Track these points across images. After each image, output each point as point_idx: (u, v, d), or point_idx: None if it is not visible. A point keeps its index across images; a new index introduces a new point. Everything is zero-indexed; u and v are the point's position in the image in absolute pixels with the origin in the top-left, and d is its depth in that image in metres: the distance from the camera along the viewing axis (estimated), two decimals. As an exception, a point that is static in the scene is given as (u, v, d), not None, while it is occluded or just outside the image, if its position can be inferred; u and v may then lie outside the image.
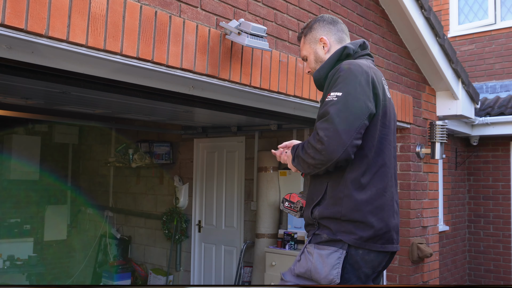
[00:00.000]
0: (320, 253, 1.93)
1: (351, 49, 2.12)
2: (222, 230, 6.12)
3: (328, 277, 1.89)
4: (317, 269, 1.92)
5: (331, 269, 1.89)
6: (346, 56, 2.12)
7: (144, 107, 4.47)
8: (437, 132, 4.75)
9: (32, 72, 2.29)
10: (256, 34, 2.56)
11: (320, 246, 1.95)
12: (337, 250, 1.91)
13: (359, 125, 1.89)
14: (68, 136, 7.81)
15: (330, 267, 1.89)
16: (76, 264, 7.64)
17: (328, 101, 1.94)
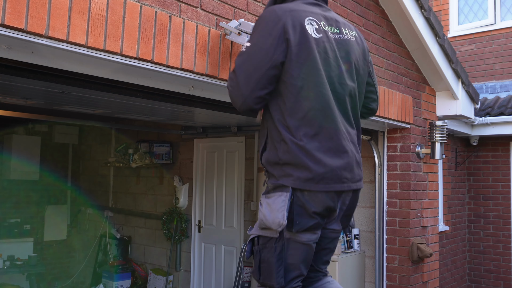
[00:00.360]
0: (267, 201, 2.02)
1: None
2: (222, 230, 6.12)
3: (275, 220, 1.96)
4: (266, 216, 2.00)
5: (277, 212, 1.96)
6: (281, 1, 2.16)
7: (144, 107, 4.47)
8: (437, 132, 4.75)
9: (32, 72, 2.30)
10: None
11: (268, 195, 2.04)
12: (281, 194, 1.98)
13: (259, 76, 1.95)
14: (68, 136, 7.81)
15: (276, 211, 1.97)
16: (76, 264, 7.64)
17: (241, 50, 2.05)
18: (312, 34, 2.01)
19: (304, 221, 2.00)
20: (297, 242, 2.03)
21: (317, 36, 2.03)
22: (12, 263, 6.44)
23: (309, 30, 2.01)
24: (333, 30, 2.12)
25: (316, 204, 2.00)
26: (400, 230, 4.71)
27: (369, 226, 5.01)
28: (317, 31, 2.03)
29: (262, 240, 2.06)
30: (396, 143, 4.82)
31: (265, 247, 2.05)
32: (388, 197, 4.81)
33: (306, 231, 2.03)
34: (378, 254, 4.80)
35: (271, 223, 1.98)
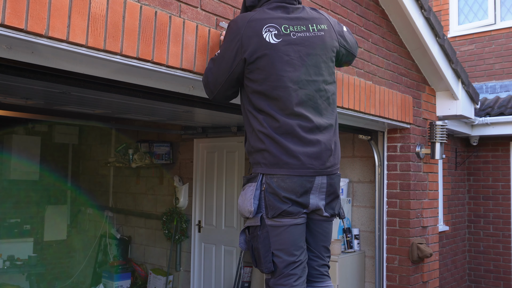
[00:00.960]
0: (242, 192, 2.26)
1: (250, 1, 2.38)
2: (222, 230, 6.12)
3: (245, 208, 2.20)
4: (240, 205, 2.25)
5: (247, 201, 2.19)
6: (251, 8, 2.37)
7: (144, 107, 4.47)
8: (437, 132, 4.75)
9: (32, 72, 2.29)
10: None
11: (243, 187, 2.27)
12: (251, 184, 2.21)
13: (223, 80, 2.27)
14: (68, 136, 7.81)
15: (246, 200, 2.20)
16: (76, 264, 7.64)
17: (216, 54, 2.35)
18: (270, 40, 2.18)
19: (277, 205, 2.15)
20: (279, 226, 2.18)
21: (276, 41, 2.19)
22: (12, 263, 6.44)
23: (267, 37, 2.18)
24: (297, 29, 2.25)
25: (287, 189, 2.15)
26: (400, 230, 4.72)
27: (369, 226, 5.01)
28: (276, 36, 2.20)
29: (251, 230, 2.25)
30: (396, 143, 4.82)
31: (253, 236, 2.23)
32: (388, 197, 4.82)
33: (284, 216, 2.17)
34: (378, 254, 4.80)
35: (244, 211, 2.21)
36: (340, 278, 4.53)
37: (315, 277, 2.36)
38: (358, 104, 3.82)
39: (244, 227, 2.30)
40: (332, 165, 2.28)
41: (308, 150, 2.18)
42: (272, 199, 2.15)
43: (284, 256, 2.19)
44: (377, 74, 4.21)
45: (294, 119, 2.17)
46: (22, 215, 7.20)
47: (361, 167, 5.10)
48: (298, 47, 2.22)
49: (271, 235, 2.18)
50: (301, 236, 2.25)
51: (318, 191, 2.23)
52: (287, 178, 2.15)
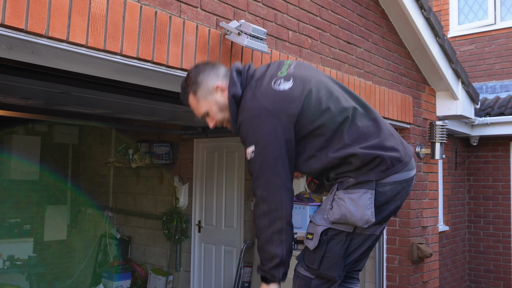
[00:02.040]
0: (351, 197, 1.99)
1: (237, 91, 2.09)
2: (222, 230, 6.12)
3: (364, 218, 1.96)
4: (351, 212, 1.97)
5: (365, 209, 1.96)
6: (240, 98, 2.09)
7: (144, 107, 4.47)
8: (437, 132, 4.75)
9: (32, 72, 2.30)
10: (256, 35, 2.56)
11: (349, 191, 2.00)
12: (366, 191, 1.98)
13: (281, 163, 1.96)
14: (68, 136, 7.80)
15: (364, 208, 1.96)
16: (76, 264, 7.64)
17: (249, 159, 2.03)
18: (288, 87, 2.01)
19: (380, 214, 2.02)
20: (365, 235, 2.05)
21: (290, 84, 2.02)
22: (12, 263, 6.44)
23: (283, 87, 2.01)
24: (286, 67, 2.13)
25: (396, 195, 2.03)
26: (400, 230, 4.71)
27: (369, 226, 5.00)
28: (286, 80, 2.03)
29: (332, 232, 2.04)
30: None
31: (333, 239, 2.04)
32: (388, 197, 4.81)
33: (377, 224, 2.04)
34: (378, 254, 4.80)
35: (358, 220, 1.97)
36: (340, 278, 4.53)
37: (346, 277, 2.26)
38: (358, 104, 3.82)
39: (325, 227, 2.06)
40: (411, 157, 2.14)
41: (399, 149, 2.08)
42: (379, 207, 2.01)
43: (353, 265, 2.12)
44: (377, 74, 4.21)
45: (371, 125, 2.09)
46: (22, 215, 7.20)
47: (361, 167, 5.10)
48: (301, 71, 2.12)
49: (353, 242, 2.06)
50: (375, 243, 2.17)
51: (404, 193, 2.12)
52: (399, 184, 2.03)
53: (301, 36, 3.31)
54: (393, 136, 2.10)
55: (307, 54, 3.36)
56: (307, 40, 3.37)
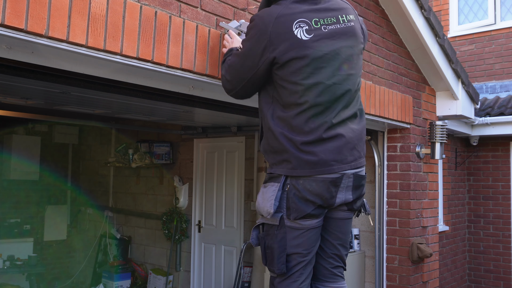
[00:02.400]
0: (262, 190, 2.20)
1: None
2: (222, 230, 6.12)
3: (265, 208, 2.13)
4: (259, 203, 2.19)
5: (267, 201, 2.12)
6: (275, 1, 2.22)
7: (144, 107, 4.47)
8: (437, 132, 4.75)
9: (32, 72, 2.29)
10: None
11: (265, 184, 2.20)
12: (273, 184, 2.13)
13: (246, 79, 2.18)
14: (68, 136, 7.80)
15: (266, 200, 2.13)
16: (76, 264, 7.64)
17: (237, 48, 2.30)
18: (302, 37, 2.06)
19: (302, 208, 2.08)
20: (298, 229, 2.12)
21: (308, 37, 2.07)
22: (12, 263, 6.44)
23: (298, 34, 2.06)
24: (328, 21, 2.14)
25: (310, 191, 2.08)
26: (400, 230, 4.71)
27: (369, 226, 5.01)
28: (307, 32, 2.07)
29: (266, 227, 2.18)
30: (396, 143, 4.82)
31: (268, 234, 2.16)
32: (388, 197, 4.81)
33: (305, 218, 2.10)
34: (378, 254, 4.80)
35: (262, 211, 2.16)
36: (340, 278, 4.53)
37: (328, 277, 2.30)
38: (358, 104, 3.82)
39: (258, 223, 2.23)
40: (355, 158, 2.18)
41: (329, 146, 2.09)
42: (296, 201, 2.08)
43: (298, 258, 2.15)
44: (377, 74, 4.21)
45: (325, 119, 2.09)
46: (22, 215, 7.20)
47: (361, 167, 5.10)
48: (331, 41, 2.11)
49: (288, 236, 2.12)
50: (317, 238, 2.21)
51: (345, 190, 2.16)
52: (313, 181, 2.07)
53: (301, 36, 3.31)
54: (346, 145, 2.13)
55: (307, 54, 3.36)
56: (307, 40, 3.37)
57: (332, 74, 2.10)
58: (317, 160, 2.06)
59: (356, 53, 2.22)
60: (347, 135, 2.13)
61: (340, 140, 2.11)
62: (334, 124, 2.10)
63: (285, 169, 2.10)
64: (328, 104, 2.09)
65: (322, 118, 2.08)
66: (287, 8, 2.11)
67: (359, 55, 2.25)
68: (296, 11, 2.10)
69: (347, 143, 2.13)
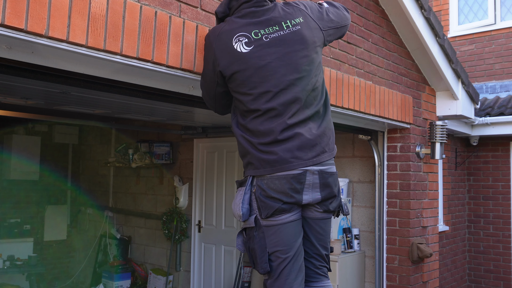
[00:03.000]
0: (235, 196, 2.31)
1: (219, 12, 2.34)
2: (222, 230, 6.12)
3: (235, 212, 2.26)
4: (232, 210, 2.30)
5: (236, 205, 2.25)
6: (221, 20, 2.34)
7: (144, 107, 4.47)
8: (437, 132, 4.75)
9: (32, 72, 2.29)
10: None
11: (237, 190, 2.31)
12: (241, 188, 2.26)
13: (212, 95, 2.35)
14: (68, 136, 7.81)
15: (235, 204, 2.25)
16: (76, 264, 7.64)
17: None
18: (242, 50, 2.16)
19: (269, 205, 2.14)
20: (273, 226, 2.18)
21: (248, 49, 2.16)
22: (12, 263, 6.44)
23: (238, 47, 2.16)
24: (270, 30, 2.20)
25: (276, 190, 2.15)
26: (400, 230, 4.71)
27: (369, 226, 5.01)
28: (246, 44, 2.16)
29: (248, 231, 2.26)
30: (396, 143, 4.82)
31: (250, 237, 2.23)
32: (388, 197, 4.82)
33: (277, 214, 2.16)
34: (378, 254, 4.80)
35: (235, 215, 2.27)
36: (340, 278, 4.53)
37: (311, 277, 2.33)
38: (358, 104, 3.82)
39: (241, 229, 2.32)
40: (316, 155, 2.20)
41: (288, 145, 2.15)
42: (263, 199, 2.16)
43: (281, 255, 2.18)
44: (377, 74, 4.21)
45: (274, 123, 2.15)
46: (22, 215, 7.20)
47: (361, 167, 5.10)
48: (273, 48, 2.17)
49: (266, 235, 2.18)
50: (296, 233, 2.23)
51: (311, 188, 2.20)
52: (276, 179, 2.14)
53: (301, 36, 3.31)
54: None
55: (307, 54, 3.36)
56: (307, 40, 3.37)
57: (279, 81, 2.15)
58: (276, 159, 2.14)
59: (305, 55, 2.22)
60: (306, 133, 2.18)
61: (298, 139, 2.16)
62: (290, 125, 2.15)
63: (250, 170, 2.22)
64: (281, 107, 2.15)
65: (276, 121, 2.15)
66: (229, 24, 2.23)
67: (309, 56, 2.24)
68: (235, 26, 2.20)
69: (308, 140, 2.17)
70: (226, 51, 2.17)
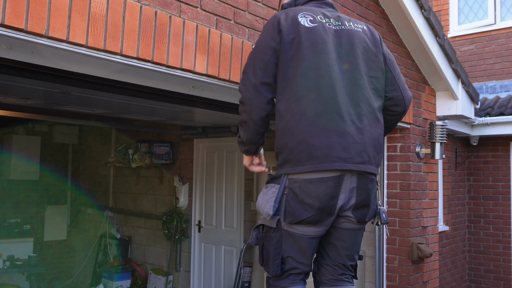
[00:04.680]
0: (263, 191, 2.17)
1: (287, 4, 2.34)
2: (222, 230, 6.12)
3: (264, 210, 2.10)
4: (259, 204, 2.16)
5: (267, 202, 2.09)
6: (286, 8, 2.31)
7: (144, 107, 4.47)
8: (437, 132, 4.75)
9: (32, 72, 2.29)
10: None
11: (266, 185, 2.17)
12: (274, 185, 2.11)
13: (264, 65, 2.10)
14: (68, 136, 7.81)
15: (266, 201, 2.10)
16: (76, 264, 7.64)
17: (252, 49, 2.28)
18: (305, 24, 2.12)
19: (297, 213, 2.02)
20: (293, 234, 2.08)
21: (311, 25, 2.12)
22: (12, 263, 6.44)
23: (302, 21, 2.13)
24: (332, 22, 2.20)
25: (308, 193, 2.00)
26: (400, 230, 4.71)
27: (369, 226, 5.01)
28: (311, 22, 2.14)
29: (265, 229, 2.17)
30: (396, 143, 4.82)
31: (266, 236, 2.14)
32: (388, 197, 4.81)
33: (301, 224, 2.04)
34: (378, 254, 4.80)
35: (262, 211, 2.13)
36: (340, 278, 4.52)
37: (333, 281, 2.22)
38: (358, 104, 3.82)
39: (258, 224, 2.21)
40: (365, 160, 2.07)
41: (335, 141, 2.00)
42: (293, 205, 2.03)
43: (292, 262, 2.11)
44: (377, 74, 4.21)
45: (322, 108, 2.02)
46: (22, 215, 7.20)
47: (361, 167, 5.10)
48: (332, 35, 2.14)
49: (284, 240, 2.08)
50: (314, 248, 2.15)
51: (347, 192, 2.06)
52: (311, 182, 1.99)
53: (301, 36, 3.31)
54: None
55: (307, 54, 3.36)
56: (307, 40, 3.37)
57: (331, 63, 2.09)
58: (318, 155, 1.98)
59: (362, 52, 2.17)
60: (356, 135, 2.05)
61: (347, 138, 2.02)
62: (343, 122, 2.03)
63: (286, 168, 2.05)
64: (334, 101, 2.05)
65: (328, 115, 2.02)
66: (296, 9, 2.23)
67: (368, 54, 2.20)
68: (303, 8, 2.23)
69: (355, 143, 2.04)
70: (288, 20, 2.13)
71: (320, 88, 2.04)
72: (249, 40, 2.87)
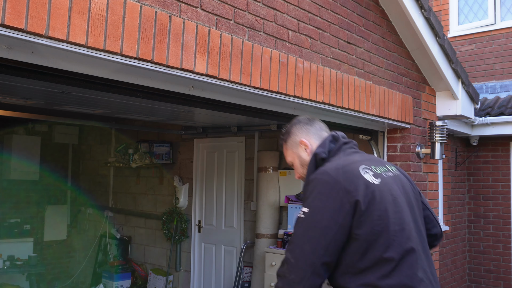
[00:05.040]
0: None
1: (322, 152, 2.06)
2: (222, 230, 6.12)
3: None
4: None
5: None
6: (322, 161, 2.05)
7: (144, 107, 4.47)
8: (437, 132, 4.75)
9: (32, 72, 2.29)
10: None
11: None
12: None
13: (326, 242, 1.80)
14: (68, 136, 7.81)
15: None
16: (76, 264, 7.64)
17: (297, 217, 1.90)
18: (373, 181, 1.92)
19: None
20: None
21: (377, 181, 1.93)
22: (12, 263, 6.44)
23: (368, 178, 1.91)
24: (382, 169, 2.05)
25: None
26: (400, 230, 4.71)
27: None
28: (375, 177, 1.95)
29: None
30: (396, 143, 4.82)
31: None
32: (388, 197, 4.81)
33: None
34: (378, 254, 4.79)
35: None
36: (340, 278, 4.52)
37: None
38: (358, 104, 3.82)
39: None
40: None
41: None
42: None
43: None
44: (377, 74, 4.21)
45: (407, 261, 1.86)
46: (22, 215, 7.21)
47: (361, 167, 5.10)
48: (393, 185, 1.98)
49: None
50: None
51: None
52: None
53: (301, 36, 3.31)
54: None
55: (307, 54, 3.36)
56: (307, 40, 3.37)
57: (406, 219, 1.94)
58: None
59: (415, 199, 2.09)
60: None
61: None
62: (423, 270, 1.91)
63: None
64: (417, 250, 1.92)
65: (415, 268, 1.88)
66: (341, 160, 2.00)
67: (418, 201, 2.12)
68: (354, 160, 2.00)
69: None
70: (358, 181, 1.87)
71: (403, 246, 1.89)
72: (249, 40, 2.87)
